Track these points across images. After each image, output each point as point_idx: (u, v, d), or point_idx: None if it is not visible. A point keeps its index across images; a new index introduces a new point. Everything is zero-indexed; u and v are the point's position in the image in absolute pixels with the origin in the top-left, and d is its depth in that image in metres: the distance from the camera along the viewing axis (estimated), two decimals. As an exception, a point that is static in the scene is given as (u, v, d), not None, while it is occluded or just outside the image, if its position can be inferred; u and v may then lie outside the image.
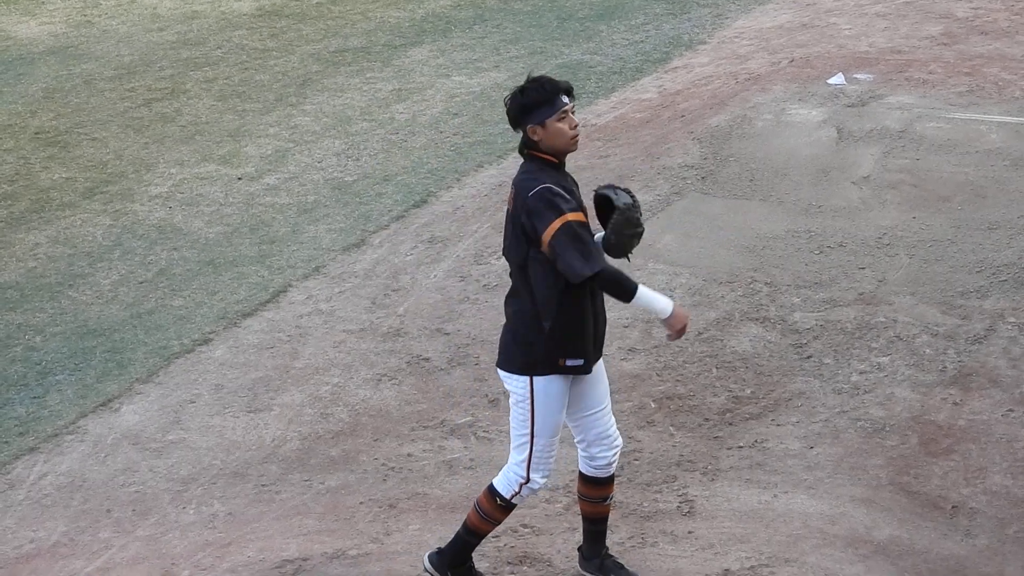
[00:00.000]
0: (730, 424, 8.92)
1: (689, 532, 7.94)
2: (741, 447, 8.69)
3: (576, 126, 6.96)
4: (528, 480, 7.16)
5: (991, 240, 10.65)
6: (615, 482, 7.45)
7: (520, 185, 6.96)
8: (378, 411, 9.33)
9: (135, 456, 9.10)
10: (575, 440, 7.29)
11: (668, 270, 10.50)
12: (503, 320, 7.17)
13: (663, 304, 7.00)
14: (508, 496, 7.21)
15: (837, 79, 13.22)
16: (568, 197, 6.88)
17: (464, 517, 7.41)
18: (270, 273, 11.17)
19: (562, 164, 7.02)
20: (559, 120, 6.93)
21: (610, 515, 7.53)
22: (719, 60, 14.34)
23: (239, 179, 12.83)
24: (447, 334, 10.07)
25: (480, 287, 10.45)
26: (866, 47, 14.23)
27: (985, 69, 13.41)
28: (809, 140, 12.13)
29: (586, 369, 7.07)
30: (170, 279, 11.22)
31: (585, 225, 6.89)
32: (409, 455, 8.85)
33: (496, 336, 7.25)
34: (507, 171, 11.80)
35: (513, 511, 7.36)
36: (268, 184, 12.69)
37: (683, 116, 12.96)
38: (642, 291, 6.94)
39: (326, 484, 8.65)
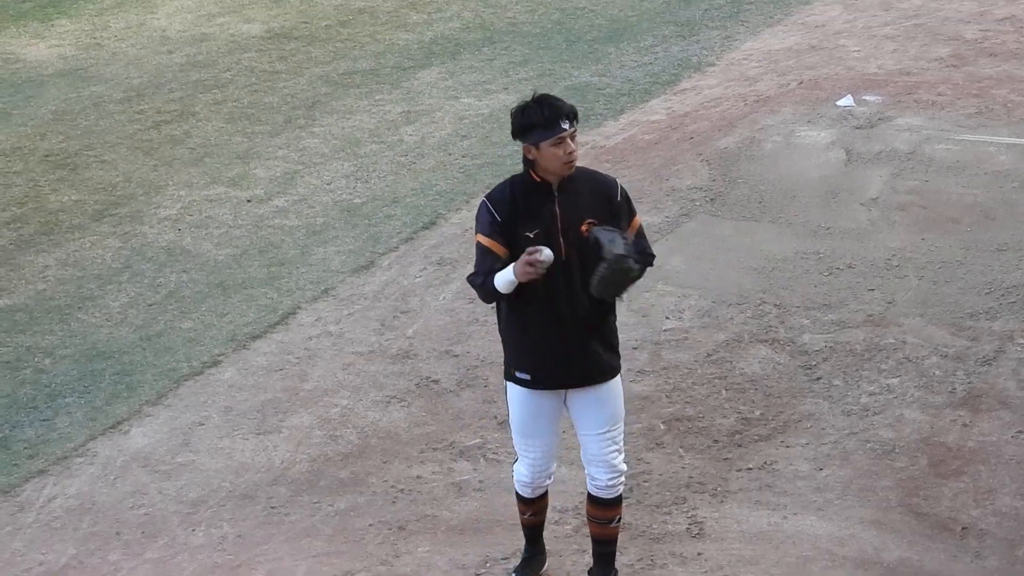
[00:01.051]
0: (739, 446, 8.91)
1: (698, 554, 7.93)
2: (750, 469, 8.67)
3: (572, 152, 6.88)
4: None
5: (1000, 261, 10.64)
6: (623, 504, 7.47)
7: None
8: (387, 433, 9.33)
9: (144, 478, 9.10)
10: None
11: (677, 292, 10.50)
12: (511, 342, 7.32)
13: (510, 276, 6.91)
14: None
15: (846, 101, 13.23)
16: (493, 220, 6.95)
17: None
18: (279, 295, 11.17)
19: (549, 184, 6.97)
20: (554, 145, 6.87)
21: (619, 537, 7.54)
22: (728, 82, 14.36)
23: (248, 201, 12.84)
24: (456, 356, 10.07)
25: (489, 309, 10.36)
26: (875, 69, 14.25)
27: (994, 91, 13.41)
28: (818, 162, 12.14)
29: (534, 385, 7.12)
30: (179, 301, 11.22)
31: (487, 251, 6.97)
32: (418, 477, 8.84)
33: (505, 358, 7.32)
34: (516, 193, 11.82)
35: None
36: (277, 206, 12.70)
37: (692, 138, 12.97)
38: (498, 280, 6.95)
39: (335, 506, 8.64)
